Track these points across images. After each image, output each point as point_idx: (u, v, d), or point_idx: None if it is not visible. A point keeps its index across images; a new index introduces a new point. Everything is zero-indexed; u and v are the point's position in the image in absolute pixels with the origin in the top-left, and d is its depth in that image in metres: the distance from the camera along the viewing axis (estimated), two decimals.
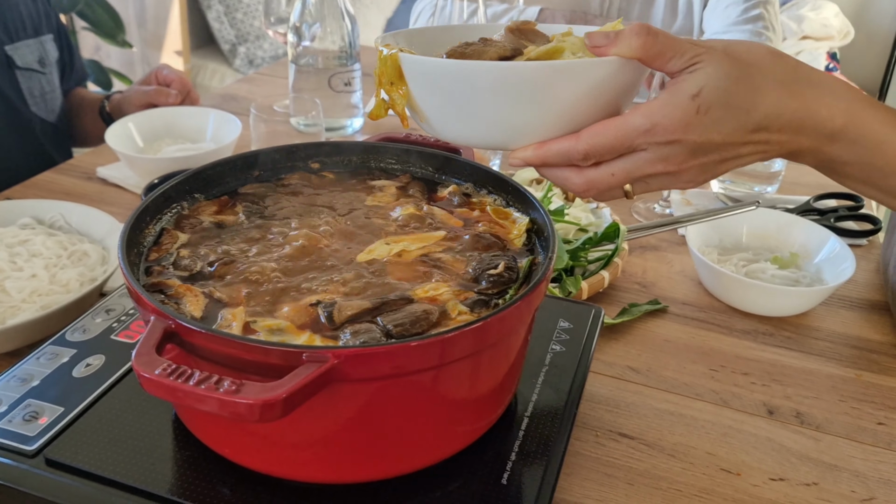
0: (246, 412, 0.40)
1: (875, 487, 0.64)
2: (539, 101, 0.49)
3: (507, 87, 0.49)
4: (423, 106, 0.54)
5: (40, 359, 0.62)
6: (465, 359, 0.48)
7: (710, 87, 0.48)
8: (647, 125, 0.48)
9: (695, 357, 0.79)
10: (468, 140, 0.55)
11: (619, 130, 0.49)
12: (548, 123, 0.51)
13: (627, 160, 0.50)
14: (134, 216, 0.56)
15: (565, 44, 0.53)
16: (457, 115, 0.52)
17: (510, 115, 0.51)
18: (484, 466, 0.54)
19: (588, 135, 0.50)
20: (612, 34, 0.49)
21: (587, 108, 0.50)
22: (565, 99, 0.49)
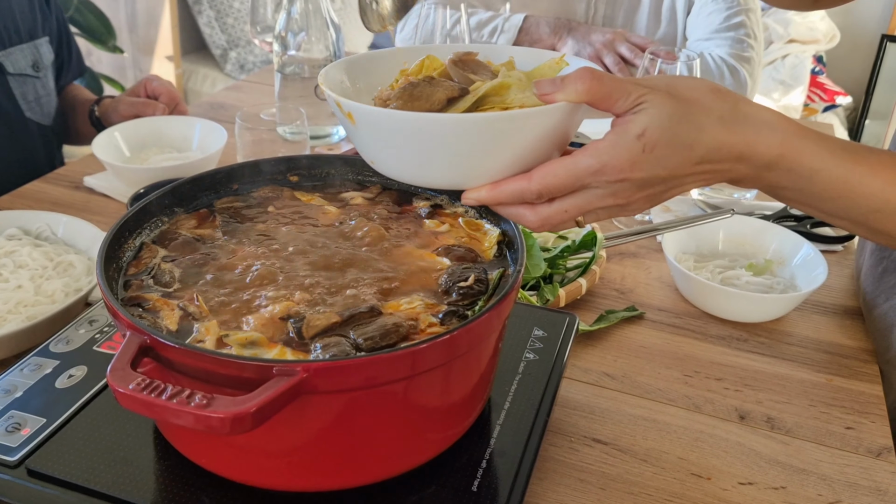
0: (217, 425, 0.42)
1: (841, 490, 0.66)
2: (493, 147, 0.51)
3: (463, 137, 0.51)
4: (370, 149, 0.55)
5: (24, 370, 0.63)
6: (434, 370, 0.50)
7: (653, 126, 0.50)
8: (596, 165, 0.50)
9: (670, 363, 0.81)
10: (417, 181, 0.57)
11: (569, 171, 0.51)
12: (500, 165, 0.53)
13: (579, 196, 0.52)
14: (112, 231, 0.58)
15: (511, 79, 0.54)
16: (407, 159, 0.54)
17: (463, 161, 0.52)
18: (455, 473, 0.55)
19: (540, 175, 0.52)
20: (558, 80, 0.51)
21: (538, 148, 0.53)
22: (517, 144, 0.52)
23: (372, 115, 0.52)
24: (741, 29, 1.44)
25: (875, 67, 2.96)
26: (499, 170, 0.53)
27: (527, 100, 0.53)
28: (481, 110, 0.54)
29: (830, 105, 2.91)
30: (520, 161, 0.52)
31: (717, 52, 1.43)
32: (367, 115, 0.52)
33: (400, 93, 0.54)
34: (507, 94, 0.54)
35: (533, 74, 0.58)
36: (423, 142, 0.52)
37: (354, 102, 0.53)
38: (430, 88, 0.54)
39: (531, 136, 0.52)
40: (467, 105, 0.54)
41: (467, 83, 0.56)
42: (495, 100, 0.54)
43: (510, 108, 0.53)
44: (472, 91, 0.54)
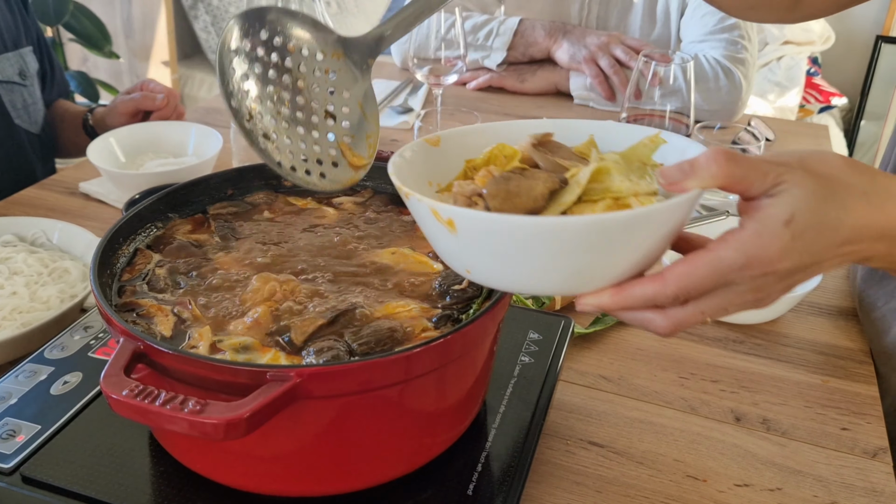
0: (211, 431, 0.42)
1: (837, 491, 0.66)
2: (621, 248, 0.46)
3: (596, 238, 0.45)
4: (467, 257, 0.49)
5: (19, 377, 0.63)
6: (429, 374, 0.50)
7: (801, 210, 0.46)
8: (742, 260, 0.46)
9: (666, 365, 0.81)
10: (523, 290, 0.50)
11: (711, 269, 0.46)
12: (624, 267, 0.47)
13: (718, 296, 0.47)
14: (106, 238, 0.58)
15: (608, 163, 0.49)
16: (517, 268, 0.47)
17: (586, 266, 0.46)
18: (451, 477, 0.55)
19: (676, 276, 0.46)
20: (687, 166, 0.46)
21: (663, 245, 0.48)
22: (646, 241, 0.46)
23: (486, 223, 0.45)
24: (735, 30, 1.45)
25: (870, 68, 2.97)
26: (622, 271, 0.47)
27: (637, 187, 0.48)
28: (587, 202, 0.48)
29: (826, 106, 2.92)
30: (644, 259, 0.47)
31: (711, 53, 1.43)
32: (479, 221, 0.45)
33: (495, 190, 0.48)
34: (609, 181, 0.48)
35: (628, 156, 0.52)
36: (546, 249, 0.45)
37: (459, 208, 0.46)
38: (527, 182, 0.48)
39: (663, 231, 0.47)
40: (574, 197, 0.48)
41: (558, 169, 0.50)
42: (597, 188, 0.48)
43: (622, 198, 0.48)
44: (571, 180, 0.48)
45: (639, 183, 0.48)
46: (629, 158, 0.52)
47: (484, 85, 1.60)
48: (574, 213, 0.47)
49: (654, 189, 0.49)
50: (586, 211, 0.47)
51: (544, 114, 1.48)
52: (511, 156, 0.53)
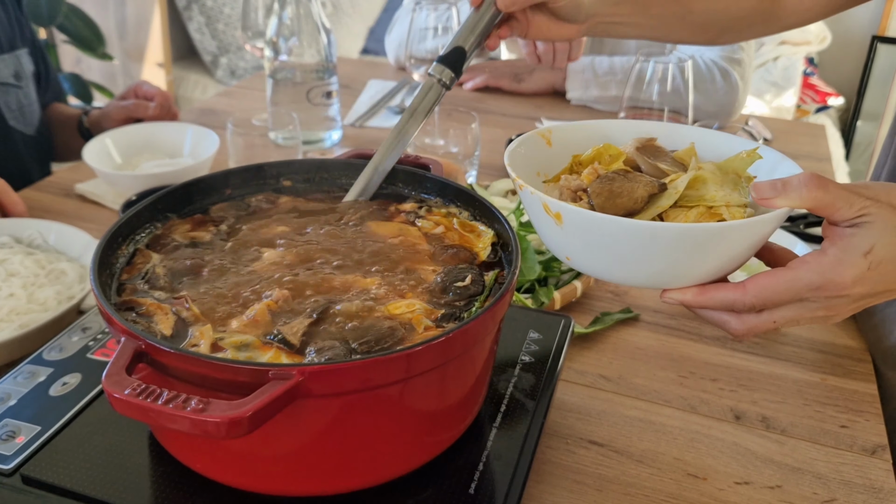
0: (213, 430, 0.42)
1: (836, 489, 0.66)
2: (709, 253, 0.51)
3: (687, 244, 0.50)
4: (569, 247, 0.54)
5: (17, 378, 0.63)
6: (430, 372, 0.50)
7: (881, 243, 0.49)
8: (819, 282, 0.50)
9: (665, 364, 0.81)
10: (615, 279, 0.56)
11: (789, 286, 0.51)
12: (709, 270, 0.52)
13: (792, 309, 0.52)
14: (106, 237, 0.58)
15: (705, 172, 0.54)
16: (613, 261, 0.53)
17: (674, 265, 0.51)
18: (452, 476, 0.55)
19: (757, 289, 0.51)
20: (780, 185, 0.50)
21: (747, 254, 0.52)
22: (733, 249, 0.51)
23: (591, 221, 0.51)
24: None
25: (866, 68, 2.98)
26: (707, 273, 0.52)
27: (729, 197, 0.52)
28: (682, 207, 0.53)
29: (822, 106, 2.93)
30: (728, 265, 0.52)
31: (707, 55, 1.44)
32: (584, 218, 0.51)
33: (599, 189, 0.53)
34: (704, 189, 0.53)
35: (724, 167, 0.56)
36: (641, 248, 0.51)
37: (568, 205, 0.51)
38: (629, 185, 0.53)
39: (751, 241, 0.51)
40: (670, 202, 0.53)
41: (658, 174, 0.55)
42: (693, 195, 0.53)
43: (715, 207, 0.53)
44: (669, 185, 0.53)
45: (731, 194, 0.53)
46: (725, 169, 0.56)
47: (481, 85, 1.60)
48: (669, 217, 0.53)
49: (745, 202, 0.53)
50: (681, 215, 0.53)
51: (542, 114, 1.48)
52: (616, 156, 0.58)
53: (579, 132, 0.63)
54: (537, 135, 0.62)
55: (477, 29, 0.73)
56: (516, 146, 0.60)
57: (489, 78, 1.59)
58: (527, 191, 0.53)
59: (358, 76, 1.67)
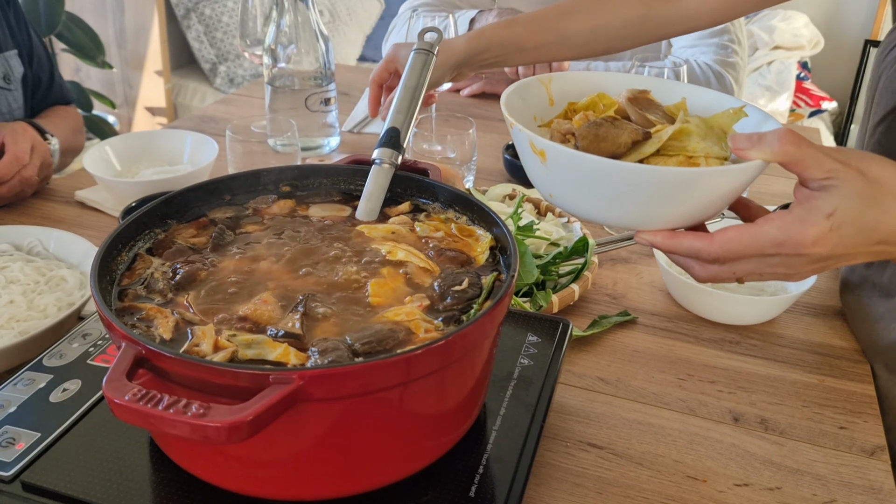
0: (214, 435, 0.42)
1: (835, 490, 0.66)
2: (683, 198, 0.52)
3: (657, 187, 0.52)
4: (553, 184, 0.56)
5: (17, 385, 0.63)
6: (430, 375, 0.50)
7: (844, 207, 0.51)
8: (780, 238, 0.52)
9: (663, 366, 0.81)
10: (593, 218, 0.58)
11: (752, 240, 0.52)
12: (682, 214, 0.54)
13: (752, 262, 0.54)
14: (106, 244, 0.58)
15: (690, 125, 0.56)
16: (591, 200, 0.55)
17: (649, 208, 0.54)
18: (452, 479, 0.55)
19: (722, 240, 0.53)
20: (755, 137, 0.51)
21: (720, 202, 0.54)
22: (705, 196, 0.53)
23: (570, 158, 0.53)
24: (725, 35, 1.46)
25: (859, 72, 2.99)
26: (679, 218, 0.54)
27: (710, 149, 0.54)
28: (664, 155, 0.55)
29: (816, 110, 2.94)
30: (700, 212, 0.54)
31: (702, 58, 1.45)
32: (565, 156, 0.53)
33: (585, 132, 0.55)
34: (687, 141, 0.55)
35: (711, 122, 0.58)
36: (615, 187, 0.53)
37: (552, 143, 0.54)
38: (614, 130, 0.55)
39: (721, 190, 0.53)
40: (652, 150, 0.55)
41: (646, 124, 0.57)
42: (676, 145, 0.55)
43: (694, 157, 0.54)
44: (654, 135, 0.55)
45: (713, 147, 0.55)
46: (711, 124, 0.58)
47: (477, 91, 1.60)
48: (649, 163, 0.55)
49: (725, 155, 0.55)
50: (660, 162, 0.55)
51: None
52: (609, 105, 0.60)
53: (579, 83, 0.65)
54: (537, 81, 0.64)
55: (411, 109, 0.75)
56: (513, 90, 0.62)
57: (486, 84, 1.60)
58: (516, 128, 0.56)
59: (356, 83, 1.67)
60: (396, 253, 0.61)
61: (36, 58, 1.35)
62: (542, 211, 1.04)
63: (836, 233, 0.51)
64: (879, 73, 0.85)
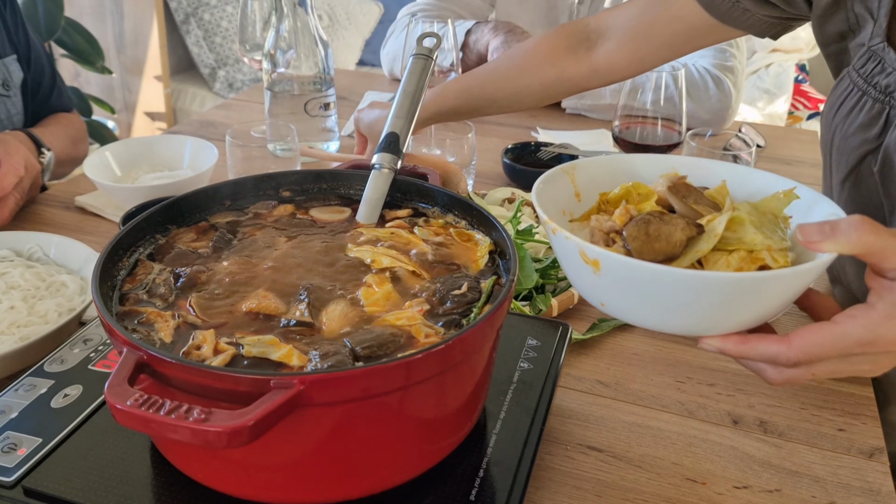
0: (215, 439, 0.42)
1: (834, 491, 0.67)
2: (751, 302, 0.49)
3: (726, 294, 0.48)
4: (605, 293, 0.52)
5: (18, 390, 0.63)
6: (430, 379, 0.50)
7: None
8: (869, 338, 0.48)
9: (662, 369, 0.82)
10: (650, 326, 0.53)
11: (836, 342, 0.49)
12: (749, 318, 0.50)
13: (835, 363, 0.50)
14: (107, 250, 0.58)
15: (742, 213, 0.52)
16: (651, 308, 0.51)
17: (714, 314, 0.49)
18: (453, 483, 0.55)
19: (802, 343, 0.49)
20: (827, 228, 0.48)
21: (789, 301, 0.50)
22: (775, 298, 0.49)
23: (631, 269, 0.48)
24: None
25: None
26: (747, 322, 0.50)
27: (771, 241, 0.50)
28: (722, 250, 0.51)
29: (814, 113, 2.94)
30: (769, 313, 0.50)
31: (700, 62, 1.45)
32: (624, 266, 0.48)
33: (635, 232, 0.51)
34: (742, 232, 0.50)
35: (760, 207, 0.54)
36: (679, 296, 0.48)
37: (607, 252, 0.49)
38: (666, 227, 0.50)
39: (793, 291, 0.49)
40: (710, 247, 0.50)
41: (693, 214, 0.53)
42: (731, 237, 0.51)
43: (756, 251, 0.50)
44: (707, 228, 0.51)
45: (771, 237, 0.50)
46: (761, 209, 0.54)
47: None
48: (709, 261, 0.50)
49: (786, 245, 0.51)
50: (721, 259, 0.50)
51: (536, 123, 1.49)
52: (645, 195, 0.55)
53: (603, 168, 0.61)
54: (561, 172, 0.60)
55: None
56: (542, 185, 0.57)
57: None
58: (561, 236, 0.51)
59: (355, 87, 1.68)
60: (381, 261, 0.60)
61: (34, 61, 1.34)
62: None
63: None
64: (832, 131, 0.81)
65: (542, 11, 1.63)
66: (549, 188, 0.58)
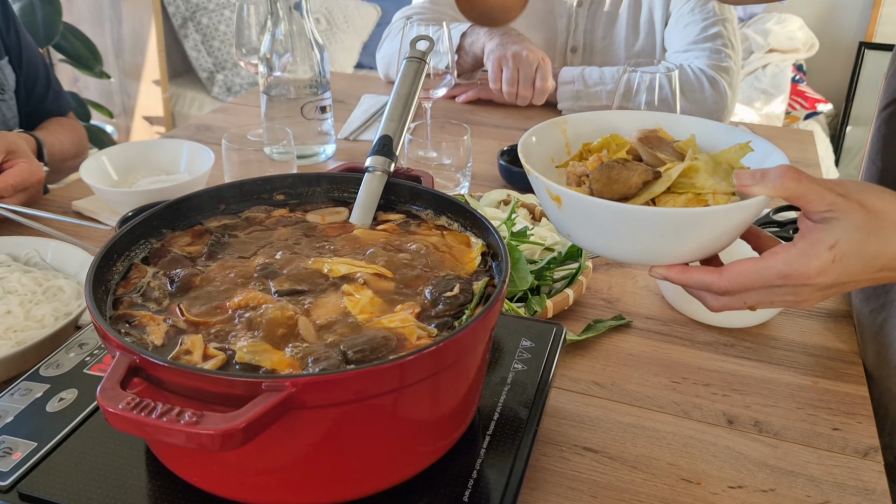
0: (207, 442, 0.42)
1: (829, 491, 0.67)
2: (692, 235, 0.55)
3: (666, 227, 0.55)
4: (570, 226, 0.60)
5: (14, 395, 0.63)
6: (423, 381, 0.51)
7: (845, 239, 0.53)
8: (786, 271, 0.54)
9: (657, 370, 0.82)
10: (610, 255, 0.61)
11: (759, 274, 0.55)
12: (692, 250, 0.57)
13: (761, 293, 0.57)
14: (101, 254, 0.58)
15: (699, 162, 0.59)
16: (606, 239, 0.59)
17: (660, 245, 0.57)
18: (446, 484, 0.56)
19: (730, 275, 0.56)
20: (758, 174, 0.54)
21: (728, 237, 0.57)
22: (713, 232, 0.56)
23: (583, 203, 0.57)
24: (718, 39, 1.47)
25: (854, 74, 3.00)
26: (690, 253, 0.58)
27: (717, 186, 0.57)
28: (674, 193, 0.58)
29: (812, 112, 2.95)
30: (710, 247, 0.57)
31: (695, 63, 1.45)
32: (578, 201, 0.57)
33: (598, 175, 0.59)
34: (696, 178, 0.58)
35: (718, 158, 0.60)
36: (627, 229, 0.56)
37: (566, 189, 0.57)
38: (626, 172, 0.58)
39: (728, 226, 0.56)
40: (662, 189, 0.58)
41: (656, 163, 0.59)
42: (685, 182, 0.58)
43: (702, 193, 0.57)
44: (664, 174, 0.58)
45: (720, 183, 0.57)
46: (719, 160, 0.60)
47: (473, 98, 1.61)
48: (660, 202, 0.58)
49: (731, 190, 0.57)
50: (671, 201, 0.58)
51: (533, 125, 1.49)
52: (621, 145, 0.63)
53: (592, 123, 0.69)
54: (553, 124, 0.68)
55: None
56: (529, 135, 0.66)
57: (481, 90, 1.60)
58: (532, 175, 0.59)
59: (351, 91, 1.68)
60: (338, 269, 0.60)
61: (27, 62, 1.31)
62: (536, 216, 1.05)
63: (839, 263, 0.54)
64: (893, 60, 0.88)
65: (540, 15, 1.63)
66: (539, 137, 0.67)
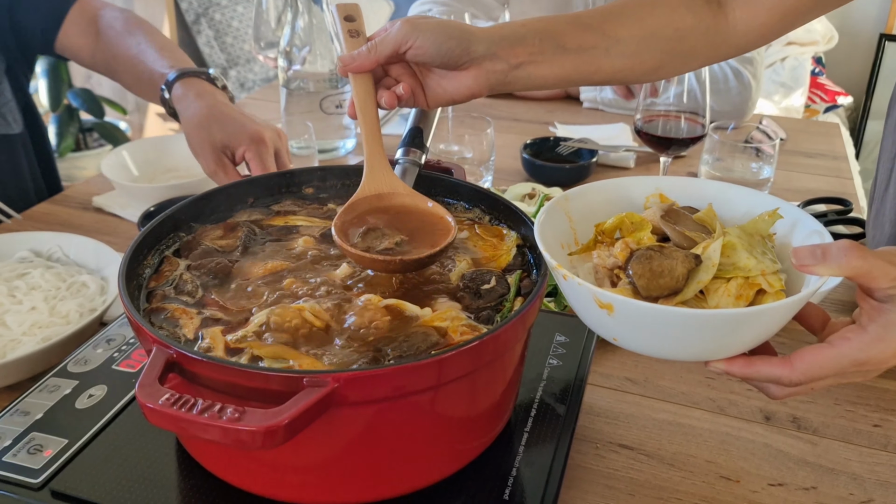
0: (249, 439, 0.41)
1: (872, 489, 0.65)
2: (754, 328, 0.52)
3: (733, 325, 0.51)
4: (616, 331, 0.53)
5: (42, 391, 0.63)
6: (462, 378, 0.49)
7: None
8: (862, 358, 0.52)
9: (690, 366, 0.80)
10: (660, 356, 0.56)
11: (834, 364, 0.53)
12: (752, 342, 0.54)
13: (831, 380, 0.54)
14: (132, 248, 0.57)
15: (732, 237, 0.55)
16: (660, 342, 0.53)
17: (721, 342, 0.53)
18: (486, 483, 0.54)
19: (803, 366, 0.53)
20: (819, 253, 0.51)
21: (784, 324, 0.54)
22: (775, 323, 0.53)
23: (644, 311, 0.50)
24: None
25: (874, 67, 2.96)
26: (748, 345, 0.54)
27: (763, 265, 0.53)
28: (718, 278, 0.54)
29: (832, 105, 2.91)
30: (768, 335, 0.54)
31: None
32: (637, 309, 0.50)
33: (640, 270, 0.53)
34: (735, 257, 0.54)
35: (747, 229, 0.57)
36: (689, 331, 0.51)
37: (621, 297, 0.51)
38: (668, 262, 0.53)
39: (789, 315, 0.53)
40: (709, 277, 0.53)
41: (686, 242, 0.56)
42: (726, 263, 0.54)
43: (752, 277, 0.53)
44: (703, 257, 0.54)
45: (763, 260, 0.54)
46: (749, 231, 0.57)
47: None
48: (710, 291, 0.54)
49: (777, 267, 0.54)
50: (721, 288, 0.54)
51: (554, 118, 1.48)
52: (638, 223, 0.58)
53: (593, 195, 0.62)
54: (554, 206, 0.60)
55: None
56: (541, 224, 0.57)
57: None
58: (573, 282, 0.51)
59: None
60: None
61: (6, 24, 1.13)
62: None
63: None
64: None
65: (557, 10, 1.61)
66: (548, 224, 0.58)
